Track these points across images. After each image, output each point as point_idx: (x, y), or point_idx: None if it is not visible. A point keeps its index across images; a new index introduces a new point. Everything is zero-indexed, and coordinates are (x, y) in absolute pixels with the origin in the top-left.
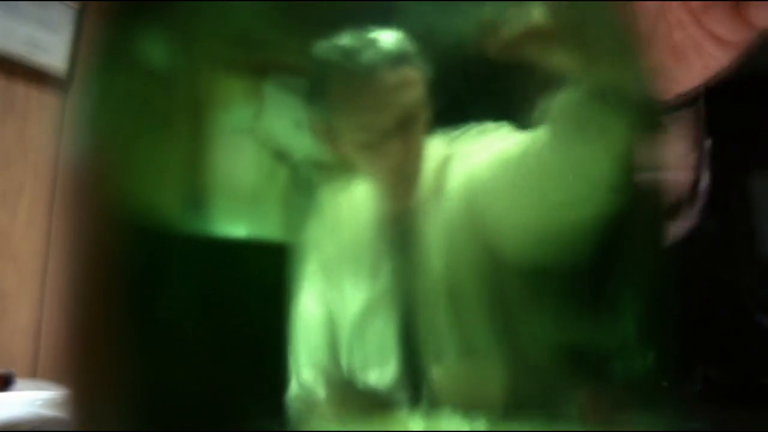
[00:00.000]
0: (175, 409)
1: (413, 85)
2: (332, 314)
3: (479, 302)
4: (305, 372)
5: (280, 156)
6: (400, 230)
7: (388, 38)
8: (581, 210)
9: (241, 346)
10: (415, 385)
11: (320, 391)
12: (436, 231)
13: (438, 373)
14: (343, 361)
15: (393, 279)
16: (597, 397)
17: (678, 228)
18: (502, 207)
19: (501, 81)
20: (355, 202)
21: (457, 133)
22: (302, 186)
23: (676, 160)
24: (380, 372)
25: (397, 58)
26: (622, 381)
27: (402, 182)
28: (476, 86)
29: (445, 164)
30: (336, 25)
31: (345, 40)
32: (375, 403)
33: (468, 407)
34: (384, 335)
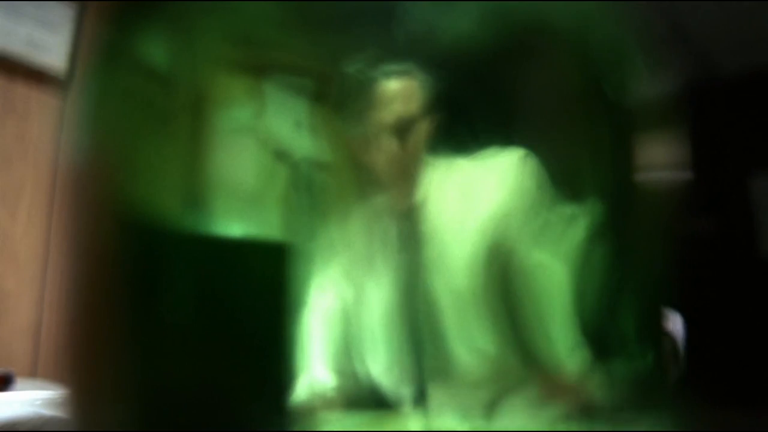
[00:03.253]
0: (175, 409)
1: (410, 95)
2: (346, 310)
3: (484, 301)
4: (317, 364)
5: (281, 156)
6: (405, 228)
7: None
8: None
9: (241, 346)
10: (417, 383)
11: (330, 382)
12: (440, 230)
13: (441, 373)
14: (355, 356)
15: (399, 276)
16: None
17: (678, 228)
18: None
19: (501, 80)
20: (363, 203)
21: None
22: (302, 186)
23: (676, 160)
24: (385, 367)
25: (396, 72)
26: (622, 380)
27: (401, 180)
28: (475, 84)
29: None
30: (336, 25)
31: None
32: (379, 397)
33: (468, 406)
34: (390, 331)
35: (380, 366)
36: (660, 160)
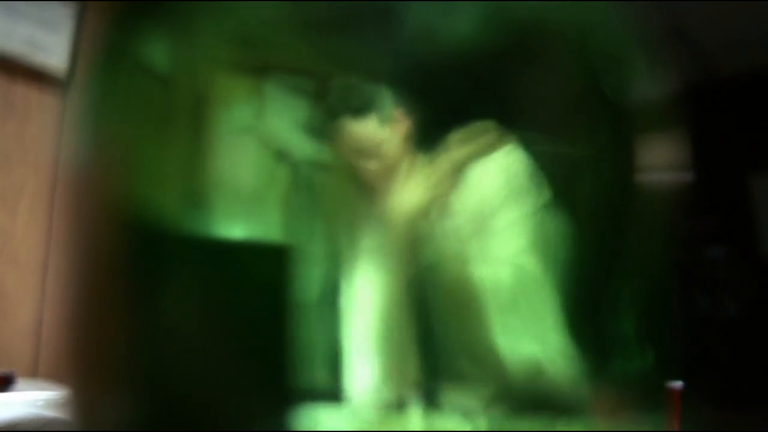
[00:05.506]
0: (175, 409)
1: (375, 132)
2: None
3: (480, 305)
4: (360, 356)
5: (281, 156)
6: (407, 235)
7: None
8: None
9: (241, 347)
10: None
11: (375, 370)
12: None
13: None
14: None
15: (397, 278)
16: (604, 395)
17: (678, 228)
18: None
19: (500, 80)
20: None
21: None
22: (302, 186)
23: (676, 160)
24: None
25: (362, 110)
26: (623, 381)
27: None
28: (474, 85)
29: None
30: (336, 25)
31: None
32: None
33: (469, 407)
34: (388, 333)
35: (379, 368)
36: (660, 160)
